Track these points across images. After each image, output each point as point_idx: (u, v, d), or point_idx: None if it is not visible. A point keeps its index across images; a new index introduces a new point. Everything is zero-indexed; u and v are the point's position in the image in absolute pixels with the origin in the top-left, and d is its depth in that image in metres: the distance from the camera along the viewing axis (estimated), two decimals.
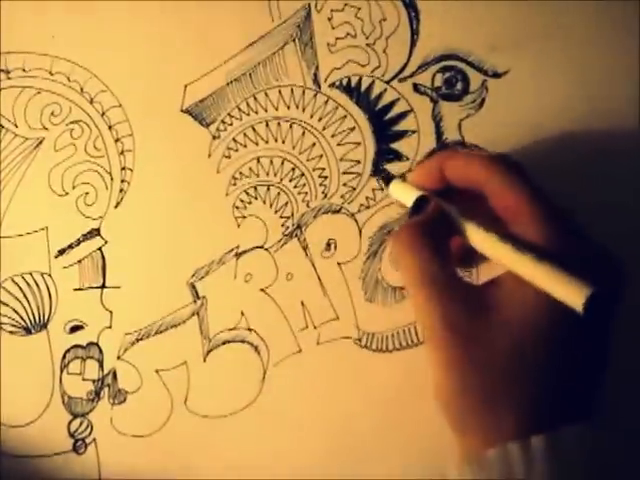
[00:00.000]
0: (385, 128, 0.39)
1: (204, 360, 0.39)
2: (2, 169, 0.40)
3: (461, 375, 0.31)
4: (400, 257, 0.33)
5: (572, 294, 0.29)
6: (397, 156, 0.39)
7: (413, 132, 0.39)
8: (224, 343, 0.39)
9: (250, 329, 0.39)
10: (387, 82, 0.39)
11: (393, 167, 0.39)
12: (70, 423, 0.39)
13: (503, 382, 0.30)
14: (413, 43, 0.39)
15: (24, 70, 0.41)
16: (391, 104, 0.39)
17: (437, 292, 0.31)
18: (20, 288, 0.40)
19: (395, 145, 0.39)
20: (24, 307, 0.40)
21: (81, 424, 0.39)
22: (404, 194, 0.36)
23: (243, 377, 0.39)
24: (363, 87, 0.39)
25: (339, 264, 0.39)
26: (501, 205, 0.33)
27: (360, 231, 0.39)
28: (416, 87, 0.39)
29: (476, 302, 0.31)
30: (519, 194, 0.32)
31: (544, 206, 0.32)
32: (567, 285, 0.29)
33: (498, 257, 0.32)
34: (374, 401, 0.38)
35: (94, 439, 0.39)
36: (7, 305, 0.40)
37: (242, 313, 0.39)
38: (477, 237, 0.32)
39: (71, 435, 0.39)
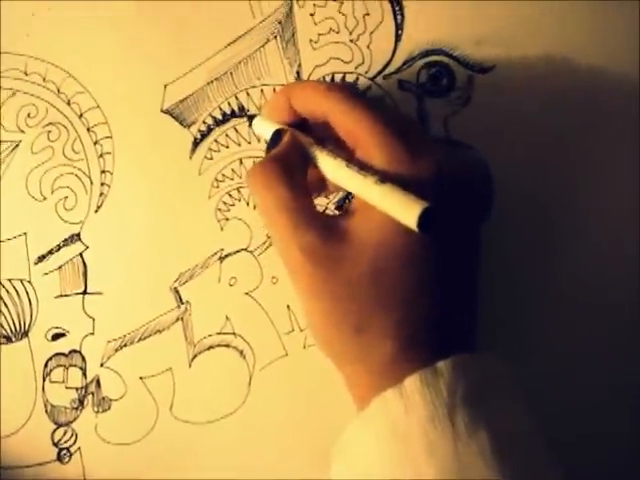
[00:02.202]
0: None
1: (189, 366, 0.38)
2: None
3: (325, 301, 0.30)
4: (255, 192, 0.32)
5: (406, 212, 0.28)
6: None
7: None
8: (209, 348, 0.38)
9: (235, 334, 0.38)
10: (371, 79, 0.39)
11: None
12: (54, 432, 0.38)
13: (370, 307, 0.30)
14: (397, 38, 0.38)
15: None
16: (376, 101, 0.38)
17: (293, 221, 0.31)
18: None
19: None
20: (4, 315, 0.39)
21: (65, 433, 0.38)
22: (265, 130, 0.35)
23: (229, 382, 0.38)
24: None
25: None
26: (345, 132, 0.32)
27: None
28: (401, 83, 0.38)
29: (332, 230, 0.31)
30: (358, 118, 0.31)
31: (383, 128, 0.31)
32: (401, 204, 0.28)
33: (345, 183, 0.31)
34: None
35: (79, 448, 0.38)
36: None
37: (227, 317, 0.38)
38: (327, 165, 0.32)
39: (55, 444, 0.38)
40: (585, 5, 0.37)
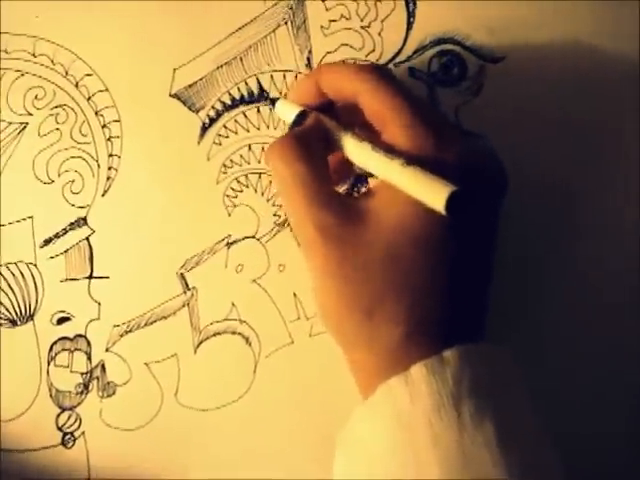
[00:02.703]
0: None
1: (194, 352, 0.38)
2: None
3: (337, 281, 0.30)
4: (273, 167, 0.32)
5: (433, 195, 0.28)
6: None
7: None
8: (215, 335, 0.38)
9: (241, 320, 0.38)
10: None
11: None
12: (58, 416, 0.38)
13: (382, 291, 0.29)
14: (409, 26, 0.38)
15: (6, 52, 0.39)
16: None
17: (309, 197, 0.31)
18: (5, 279, 0.39)
19: None
20: (9, 298, 0.39)
21: (69, 417, 0.38)
22: (288, 112, 0.35)
23: (234, 369, 0.38)
24: None
25: None
26: (372, 113, 0.32)
27: None
28: (412, 72, 0.38)
29: (350, 210, 0.31)
30: (386, 99, 0.31)
31: (411, 109, 0.31)
32: (429, 187, 0.28)
33: (370, 165, 0.31)
34: None
35: (83, 433, 0.38)
36: None
37: (233, 304, 0.38)
38: (352, 148, 0.32)
39: (59, 429, 0.38)
40: None
